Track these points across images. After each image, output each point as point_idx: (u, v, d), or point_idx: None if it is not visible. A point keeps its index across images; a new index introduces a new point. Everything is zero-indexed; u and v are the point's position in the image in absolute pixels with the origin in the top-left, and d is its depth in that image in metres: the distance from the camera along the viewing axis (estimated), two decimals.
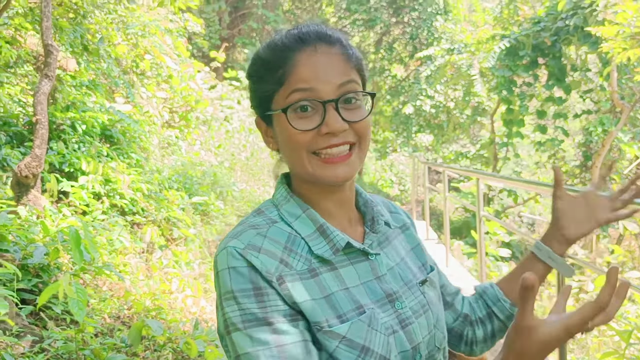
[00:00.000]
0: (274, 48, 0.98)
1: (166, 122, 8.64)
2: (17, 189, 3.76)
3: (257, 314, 0.87)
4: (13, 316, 2.62)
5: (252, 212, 1.03)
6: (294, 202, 1.00)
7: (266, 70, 0.97)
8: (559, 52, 10.99)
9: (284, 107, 0.94)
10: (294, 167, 0.99)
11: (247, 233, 0.93)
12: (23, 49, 6.65)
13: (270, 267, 0.89)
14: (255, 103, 1.02)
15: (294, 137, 0.94)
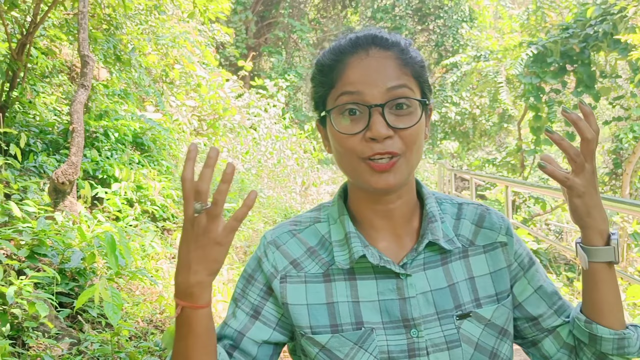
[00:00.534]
0: (330, 52, 0.98)
1: (195, 130, 8.78)
2: (54, 195, 3.87)
3: (236, 292, 1.01)
4: (52, 319, 2.70)
5: (316, 206, 1.10)
6: (335, 207, 1.03)
7: (321, 74, 0.97)
8: (588, 59, 10.86)
9: (329, 109, 0.94)
10: (343, 170, 0.98)
11: (282, 227, 1.04)
12: (58, 60, 6.85)
13: (279, 265, 0.99)
14: (314, 106, 1.02)
15: (340, 141, 0.93)
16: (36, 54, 5.67)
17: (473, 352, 0.95)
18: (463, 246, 1.00)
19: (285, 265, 0.99)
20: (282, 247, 1.00)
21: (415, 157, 0.93)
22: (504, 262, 1.01)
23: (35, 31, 4.51)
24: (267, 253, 1.00)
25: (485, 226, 1.02)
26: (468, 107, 16.38)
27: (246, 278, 1.01)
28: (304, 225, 1.04)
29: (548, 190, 5.28)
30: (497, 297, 0.99)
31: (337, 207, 1.02)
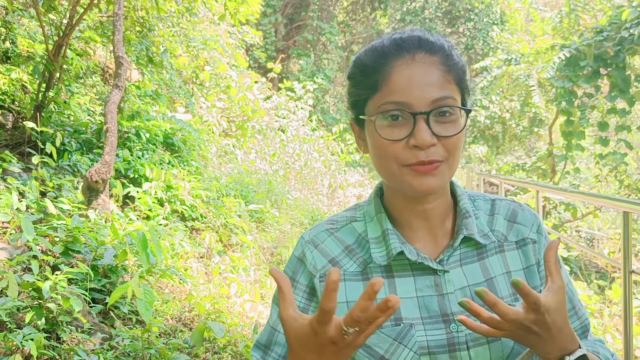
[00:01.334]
0: (373, 52, 0.96)
1: (224, 131, 8.86)
2: (88, 193, 3.95)
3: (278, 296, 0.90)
4: (85, 314, 2.76)
5: (352, 206, 1.11)
6: (372, 205, 1.04)
7: (362, 74, 0.96)
8: (623, 62, 10.64)
9: (375, 115, 0.93)
10: (380, 173, 0.98)
11: (319, 227, 1.05)
12: (92, 61, 6.99)
13: (318, 264, 1.00)
14: (350, 105, 1.01)
15: (382, 147, 0.92)
16: (71, 55, 5.80)
17: (513, 346, 0.95)
18: (498, 241, 1.01)
19: (324, 264, 1.00)
20: (321, 246, 1.02)
21: (456, 162, 0.95)
22: (533, 259, 1.02)
23: (71, 33, 4.61)
24: (305, 252, 1.02)
25: (518, 222, 1.04)
26: (498, 110, 16.19)
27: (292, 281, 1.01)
28: (340, 224, 1.05)
29: (579, 195, 5.18)
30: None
31: (373, 205, 1.03)
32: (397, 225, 1.01)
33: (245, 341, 2.86)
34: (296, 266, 1.02)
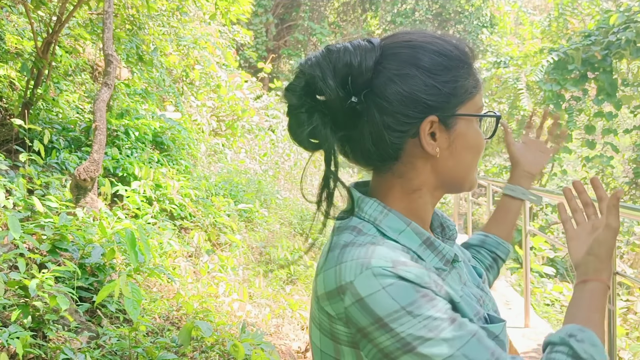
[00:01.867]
0: (464, 51, 0.94)
1: (213, 130, 8.85)
2: (76, 191, 3.93)
3: (440, 316, 0.80)
4: (72, 312, 2.75)
5: (345, 232, 0.92)
6: (393, 216, 0.92)
7: (468, 71, 0.93)
8: (610, 67, 10.76)
9: (494, 114, 0.98)
10: (465, 174, 0.96)
11: (380, 250, 0.85)
12: (81, 58, 6.96)
13: (424, 277, 0.83)
14: (438, 99, 0.89)
15: (482, 146, 0.96)
16: (60, 53, 5.77)
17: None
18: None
19: (427, 274, 0.85)
20: (409, 262, 0.85)
21: None
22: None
23: (60, 30, 4.59)
24: (404, 276, 0.82)
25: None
26: None
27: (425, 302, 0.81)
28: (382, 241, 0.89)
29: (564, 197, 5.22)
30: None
31: (394, 217, 0.92)
32: (423, 224, 0.99)
33: (233, 340, 2.87)
34: (412, 288, 0.81)
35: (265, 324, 3.99)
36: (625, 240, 9.72)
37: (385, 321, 0.79)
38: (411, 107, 0.88)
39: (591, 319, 0.94)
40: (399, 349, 0.79)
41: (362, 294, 0.80)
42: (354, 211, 0.94)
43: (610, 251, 1.01)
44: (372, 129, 0.90)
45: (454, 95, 0.90)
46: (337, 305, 0.84)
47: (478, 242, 1.34)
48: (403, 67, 0.88)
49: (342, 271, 0.84)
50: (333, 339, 0.87)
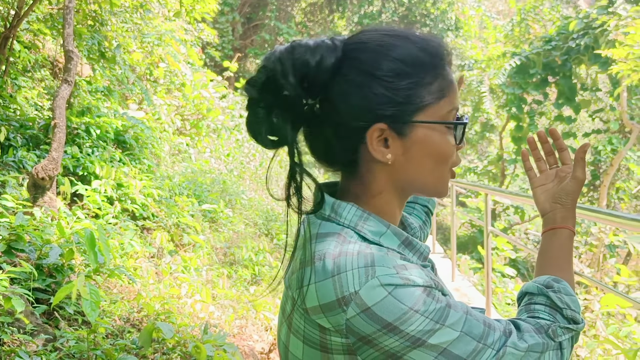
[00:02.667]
0: (433, 54, 0.90)
1: (177, 130, 8.73)
2: (33, 190, 3.83)
3: (441, 307, 0.82)
4: (28, 314, 2.67)
5: (328, 241, 0.88)
6: (374, 220, 0.92)
7: (426, 76, 0.89)
8: (570, 71, 11.05)
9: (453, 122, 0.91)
10: (426, 181, 0.93)
11: (380, 257, 0.84)
12: (40, 54, 6.77)
13: (423, 275, 0.84)
14: (390, 107, 0.88)
15: (448, 153, 0.91)
16: (19, 48, 5.61)
17: None
18: None
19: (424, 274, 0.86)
20: (408, 265, 0.85)
21: None
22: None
23: (19, 24, 4.46)
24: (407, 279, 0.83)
25: None
26: None
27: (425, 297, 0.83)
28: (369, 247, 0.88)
29: (526, 198, 5.33)
30: None
31: (374, 220, 0.91)
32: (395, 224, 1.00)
33: (195, 342, 2.83)
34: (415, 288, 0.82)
35: (229, 325, 3.96)
36: (583, 241, 9.99)
37: (394, 325, 0.80)
38: (361, 116, 0.87)
39: (563, 268, 1.02)
40: (407, 347, 0.81)
41: (368, 304, 0.80)
42: (326, 215, 0.92)
43: (575, 201, 1.08)
44: (327, 132, 0.90)
45: (409, 103, 0.88)
46: (336, 318, 0.82)
47: (411, 198, 1.36)
48: (358, 75, 0.87)
49: (343, 282, 0.82)
50: (322, 349, 0.86)
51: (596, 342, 5.45)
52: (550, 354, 0.88)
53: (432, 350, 0.81)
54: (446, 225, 15.33)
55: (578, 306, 0.95)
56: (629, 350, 3.25)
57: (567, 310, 0.93)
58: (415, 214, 1.33)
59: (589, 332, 6.91)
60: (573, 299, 0.95)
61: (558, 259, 1.03)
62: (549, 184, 1.14)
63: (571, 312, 0.93)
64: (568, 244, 1.05)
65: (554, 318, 0.93)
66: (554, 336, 0.89)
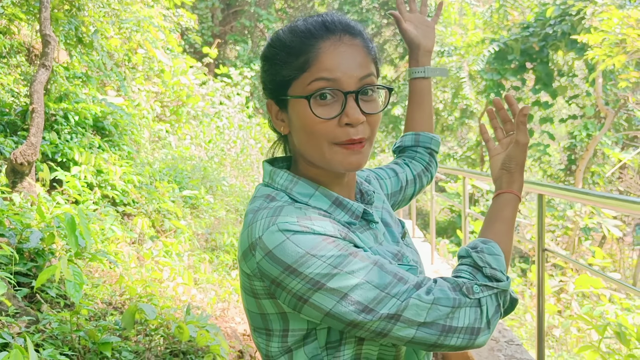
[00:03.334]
0: (297, 34, 0.98)
1: (157, 116, 8.69)
2: (12, 176, 3.81)
3: (342, 254, 0.89)
4: (10, 297, 2.68)
5: (258, 200, 1.00)
6: (303, 183, 1.01)
7: (288, 55, 0.97)
8: (547, 58, 11.19)
9: (307, 95, 0.94)
10: (308, 152, 0.99)
11: (287, 209, 0.93)
12: (16, 40, 6.67)
13: (328, 227, 0.92)
14: (270, 86, 1.01)
15: (314, 126, 0.95)
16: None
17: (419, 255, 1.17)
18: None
19: (334, 227, 0.94)
20: (314, 218, 0.94)
21: (374, 140, 1.02)
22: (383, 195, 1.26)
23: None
24: (309, 226, 0.91)
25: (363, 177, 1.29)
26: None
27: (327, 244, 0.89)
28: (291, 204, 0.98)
29: None
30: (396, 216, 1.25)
31: (304, 184, 1.01)
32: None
33: (178, 322, 2.87)
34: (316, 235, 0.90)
35: (211, 307, 4.00)
36: (559, 225, 10.18)
37: (293, 267, 0.88)
38: (265, 93, 1.05)
39: (498, 230, 1.06)
40: (309, 289, 0.88)
41: (269, 247, 0.89)
42: (265, 182, 1.05)
43: (521, 165, 1.13)
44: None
45: (280, 81, 0.99)
46: (251, 263, 0.92)
47: (412, 142, 1.43)
48: (260, 59, 1.05)
49: (252, 230, 0.93)
50: (254, 295, 0.96)
51: (569, 319, 5.60)
52: (466, 310, 0.91)
53: (332, 294, 0.87)
54: (426, 210, 15.49)
55: (501, 265, 0.98)
56: (599, 326, 3.37)
57: (487, 269, 0.96)
58: (418, 157, 1.41)
59: (565, 313, 7.09)
60: (496, 258, 0.98)
61: (495, 222, 1.07)
62: (502, 152, 1.20)
63: (491, 271, 0.96)
64: (509, 207, 1.09)
65: (473, 277, 0.96)
66: (469, 293, 0.93)
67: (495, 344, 3.76)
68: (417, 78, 1.41)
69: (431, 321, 0.89)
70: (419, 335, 0.89)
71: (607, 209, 8.66)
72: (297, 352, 0.97)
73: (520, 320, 6.20)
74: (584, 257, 9.73)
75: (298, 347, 0.97)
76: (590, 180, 11.55)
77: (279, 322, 0.96)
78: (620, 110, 10.99)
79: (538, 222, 2.78)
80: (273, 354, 0.99)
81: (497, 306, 0.95)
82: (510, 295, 0.99)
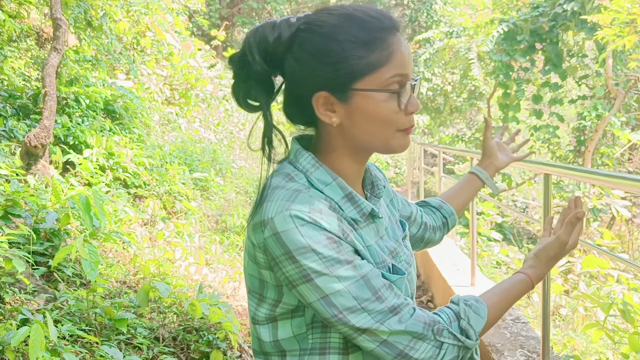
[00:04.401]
0: (368, 27, 1.00)
1: (166, 100, 8.73)
2: (26, 158, 3.88)
3: (338, 257, 0.96)
4: (28, 276, 2.76)
5: (279, 176, 1.05)
6: (323, 170, 1.06)
7: (361, 49, 0.99)
8: (556, 38, 11.08)
9: (390, 89, 1.00)
10: (371, 140, 1.05)
11: (302, 196, 0.98)
12: (26, 24, 6.72)
13: (334, 225, 0.98)
14: (331, 77, 1.00)
15: (390, 116, 1.01)
16: (3, 17, 5.57)
17: (415, 259, 1.23)
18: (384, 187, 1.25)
19: (338, 223, 0.99)
20: (324, 211, 0.98)
21: None
22: (392, 192, 1.33)
23: None
24: (318, 222, 0.96)
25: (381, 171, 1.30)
26: (440, 83, 16.57)
27: (329, 244, 0.96)
28: (305, 189, 1.02)
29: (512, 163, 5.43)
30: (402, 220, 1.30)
31: (324, 171, 1.06)
32: (348, 180, 1.11)
33: (191, 300, 2.95)
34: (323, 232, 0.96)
35: (222, 287, 4.08)
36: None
37: (292, 254, 0.95)
38: (304, 86, 1.03)
39: (495, 301, 1.13)
40: (300, 278, 0.96)
41: (278, 229, 0.96)
42: (290, 159, 1.09)
43: (551, 258, 1.20)
44: (289, 99, 1.08)
45: (346, 73, 1.00)
46: (259, 236, 0.99)
47: (436, 205, 1.52)
48: (304, 54, 1.01)
49: (266, 208, 0.99)
50: (256, 263, 1.04)
51: (575, 298, 5.64)
52: (425, 345, 0.99)
53: (316, 291, 0.96)
54: (434, 192, 15.51)
55: (478, 326, 1.05)
56: (604, 304, 3.41)
57: (464, 322, 1.04)
58: (432, 217, 1.48)
59: (572, 293, 7.13)
60: (478, 319, 1.06)
61: (499, 294, 1.15)
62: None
63: (466, 325, 1.04)
64: (517, 288, 1.16)
65: (450, 323, 1.04)
66: (437, 333, 1.01)
67: (501, 322, 3.82)
68: (475, 174, 1.56)
69: (392, 343, 0.98)
70: (377, 351, 0.99)
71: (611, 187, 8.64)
72: (283, 324, 1.05)
73: (528, 301, 6.26)
74: (592, 238, 9.75)
75: (284, 318, 1.04)
76: (599, 162, 11.51)
77: (274, 292, 1.03)
78: (630, 90, 10.91)
79: (544, 201, 2.81)
80: (259, 319, 1.07)
81: (455, 357, 1.02)
82: (472, 356, 1.08)
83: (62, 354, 2.06)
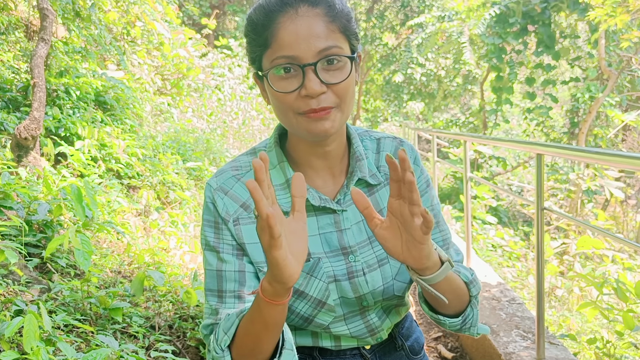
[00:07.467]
0: (261, 10, 1.00)
1: (158, 90, 8.68)
2: (17, 151, 3.85)
3: (210, 241, 1.07)
4: (21, 267, 2.75)
5: (249, 149, 1.16)
6: (274, 152, 1.10)
7: (254, 32, 1.01)
8: (549, 19, 11.05)
9: (267, 71, 1.00)
10: (282, 122, 1.06)
11: (226, 174, 1.10)
12: (14, 16, 6.65)
13: (230, 209, 1.06)
14: (250, 62, 1.07)
15: (279, 98, 1.00)
16: None
17: (400, 266, 1.12)
18: (385, 175, 1.15)
19: (236, 209, 1.07)
20: (230, 192, 1.08)
21: (348, 106, 1.02)
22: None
23: None
24: (216, 200, 1.07)
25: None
26: (433, 68, 16.52)
27: (212, 225, 1.07)
28: (244, 169, 1.10)
29: (505, 143, 5.45)
30: None
31: (275, 153, 1.10)
32: (298, 167, 1.11)
33: (186, 288, 2.94)
34: (213, 211, 1.08)
35: None
36: (563, 188, 10.21)
37: (202, 221, 1.10)
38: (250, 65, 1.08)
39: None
40: (202, 245, 1.10)
41: (204, 196, 1.10)
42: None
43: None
44: None
45: (252, 57, 1.04)
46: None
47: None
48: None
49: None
50: None
51: (570, 279, 5.68)
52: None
53: (205, 263, 1.08)
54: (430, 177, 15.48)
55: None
56: (598, 283, 3.43)
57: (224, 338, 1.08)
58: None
59: (567, 274, 7.17)
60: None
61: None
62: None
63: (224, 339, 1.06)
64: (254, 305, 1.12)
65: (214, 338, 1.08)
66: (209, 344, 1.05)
67: (497, 303, 3.84)
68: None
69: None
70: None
71: (604, 165, 8.67)
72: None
73: (523, 282, 6.30)
74: (586, 219, 9.78)
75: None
76: (592, 143, 11.53)
77: None
78: (623, 71, 10.91)
79: (537, 181, 2.82)
80: None
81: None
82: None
83: (57, 343, 2.06)
